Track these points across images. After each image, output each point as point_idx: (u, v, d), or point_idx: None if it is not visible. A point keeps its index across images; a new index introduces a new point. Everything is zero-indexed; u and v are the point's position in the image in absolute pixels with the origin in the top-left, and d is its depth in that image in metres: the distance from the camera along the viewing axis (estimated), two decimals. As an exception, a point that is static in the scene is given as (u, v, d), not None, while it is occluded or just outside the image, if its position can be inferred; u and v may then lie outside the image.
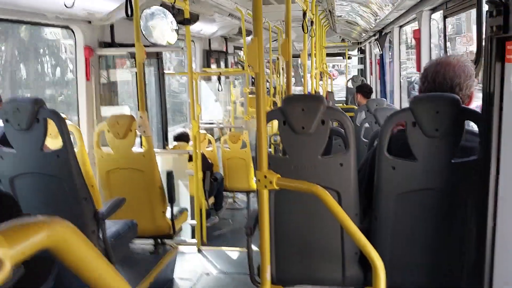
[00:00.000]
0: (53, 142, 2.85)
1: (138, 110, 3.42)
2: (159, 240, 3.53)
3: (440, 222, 1.87)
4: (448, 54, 3.03)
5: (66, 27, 4.11)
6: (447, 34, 3.13)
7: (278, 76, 8.77)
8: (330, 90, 8.36)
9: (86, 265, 0.61)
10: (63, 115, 2.47)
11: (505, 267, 1.54)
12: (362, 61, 11.14)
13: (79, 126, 4.14)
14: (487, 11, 1.56)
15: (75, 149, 3.28)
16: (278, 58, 9.22)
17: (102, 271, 0.63)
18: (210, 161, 5.67)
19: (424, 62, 3.56)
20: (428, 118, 1.73)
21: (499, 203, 1.56)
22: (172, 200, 3.33)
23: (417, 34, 3.54)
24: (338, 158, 1.93)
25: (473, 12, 2.51)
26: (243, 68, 6.80)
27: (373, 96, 8.64)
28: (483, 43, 1.92)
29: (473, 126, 1.86)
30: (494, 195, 1.58)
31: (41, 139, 2.35)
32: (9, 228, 0.52)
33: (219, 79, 5.83)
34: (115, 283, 0.65)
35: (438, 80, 1.88)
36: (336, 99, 9.06)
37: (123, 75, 5.04)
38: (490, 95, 1.57)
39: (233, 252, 4.07)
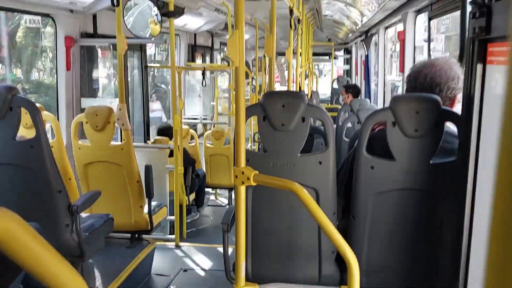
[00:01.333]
0: (29, 132, 2.77)
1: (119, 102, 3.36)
2: (136, 235, 3.48)
3: (417, 222, 1.87)
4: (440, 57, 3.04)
5: (47, 15, 4.02)
6: (431, 35, 3.14)
7: (264, 73, 8.74)
8: (315, 90, 8.37)
9: (33, 258, 0.57)
10: (38, 105, 2.40)
11: (480, 269, 1.54)
12: (348, 61, 11.19)
13: (58, 117, 4.05)
14: (470, 12, 1.56)
15: (52, 140, 3.21)
16: (264, 56, 9.19)
17: (52, 264, 0.59)
18: (192, 157, 5.61)
19: (408, 63, 3.57)
20: (407, 118, 1.72)
21: (476, 205, 1.56)
22: (150, 194, 3.27)
23: (401, 35, 3.54)
24: (317, 156, 1.91)
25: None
26: (228, 64, 6.75)
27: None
28: (466, 45, 1.91)
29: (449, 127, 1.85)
30: (472, 197, 1.57)
31: (14, 128, 2.29)
32: None
33: (203, 74, 5.77)
34: (66, 275, 0.61)
35: (419, 80, 1.88)
36: (321, 97, 9.08)
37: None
38: (470, 97, 1.56)
39: (212, 249, 4.03)
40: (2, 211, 0.54)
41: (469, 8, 2.15)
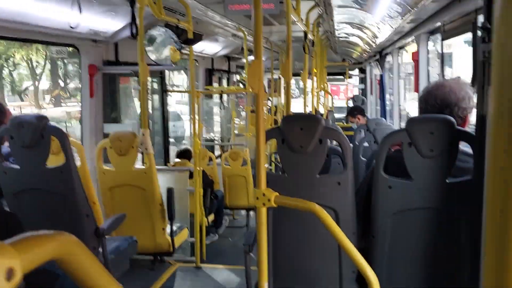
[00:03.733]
0: (54, 158, 2.89)
1: (141, 127, 3.47)
2: (158, 257, 3.54)
3: (436, 241, 1.89)
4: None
5: (72, 46, 4.20)
6: (444, 56, 3.20)
7: (279, 95, 8.86)
8: (330, 109, 8.43)
9: (89, 276, 0.65)
10: (65, 132, 2.52)
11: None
12: (362, 81, 11.24)
13: (82, 142, 4.19)
14: (479, 37, 1.62)
15: (77, 166, 3.33)
16: (279, 77, 9.32)
17: (104, 283, 0.67)
18: (210, 178, 5.69)
19: (422, 83, 3.62)
20: (423, 138, 1.77)
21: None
22: (172, 217, 3.35)
23: (415, 56, 3.61)
24: (336, 177, 1.97)
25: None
26: (245, 87, 6.88)
27: (373, 115, 8.72)
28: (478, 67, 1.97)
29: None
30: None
31: (45, 155, 2.40)
32: (20, 240, 0.56)
33: (221, 97, 5.89)
34: None
35: (430, 101, 1.92)
36: (337, 117, 9.13)
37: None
38: (482, 117, 1.61)
39: (232, 270, 4.07)
40: (64, 234, 0.62)
41: (479, 33, 2.21)
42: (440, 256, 1.89)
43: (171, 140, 8.58)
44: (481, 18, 2.39)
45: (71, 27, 3.40)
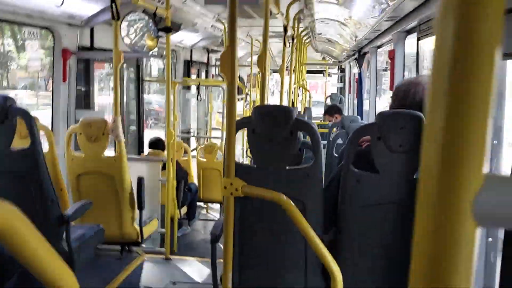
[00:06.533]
0: (22, 143, 2.81)
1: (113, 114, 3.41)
2: (126, 247, 3.49)
3: (402, 236, 1.90)
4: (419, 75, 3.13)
5: (46, 28, 4.09)
6: (419, 55, 3.24)
7: (259, 89, 8.84)
8: (308, 106, 8.46)
9: (31, 252, 0.61)
10: (33, 115, 2.44)
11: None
12: (341, 79, 11.33)
13: (52, 128, 4.09)
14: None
15: (45, 151, 3.24)
16: (259, 72, 9.29)
17: (48, 259, 0.63)
18: (185, 171, 5.64)
19: (397, 81, 3.66)
20: (392, 133, 1.78)
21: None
22: (141, 206, 3.30)
23: (391, 55, 3.64)
24: (305, 169, 1.96)
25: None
26: (223, 80, 6.83)
27: (350, 114, 8.80)
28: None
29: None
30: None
31: (10, 137, 2.32)
32: None
33: (198, 88, 5.84)
34: (60, 271, 0.65)
35: (409, 99, 1.92)
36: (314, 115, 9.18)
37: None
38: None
39: (202, 262, 4.04)
40: (5, 205, 0.58)
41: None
42: (405, 251, 1.90)
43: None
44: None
45: (56, 5, 3.26)
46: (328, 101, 9.59)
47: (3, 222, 0.58)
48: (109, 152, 3.52)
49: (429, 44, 3.31)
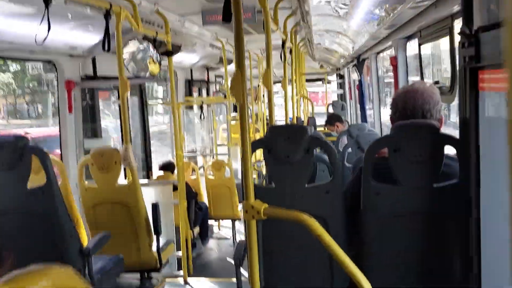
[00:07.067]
0: (35, 178, 2.82)
1: (122, 142, 3.42)
2: (145, 274, 3.48)
3: (426, 245, 1.90)
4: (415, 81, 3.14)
5: (48, 62, 4.13)
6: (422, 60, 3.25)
7: (261, 102, 8.88)
8: (311, 116, 8.48)
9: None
10: (45, 149, 2.46)
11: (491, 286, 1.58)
12: (341, 86, 11.35)
13: (62, 159, 4.10)
14: (459, 42, 1.65)
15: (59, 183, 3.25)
16: (259, 85, 9.34)
17: None
18: (194, 190, 5.65)
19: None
20: (409, 144, 1.78)
21: (482, 225, 1.61)
22: (158, 232, 3.30)
23: (393, 61, 3.65)
24: (324, 185, 1.97)
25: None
26: (225, 96, 6.87)
27: (353, 120, 8.80)
28: (457, 72, 2.00)
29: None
30: (477, 217, 1.62)
31: (26, 176, 2.34)
32: (13, 279, 0.53)
33: (201, 108, 5.87)
34: None
35: (409, 108, 1.92)
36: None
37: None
38: (466, 121, 1.64)
39: (220, 283, 4.02)
40: (58, 268, 0.59)
41: (457, 36, 2.25)
42: (431, 259, 1.90)
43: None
44: (457, 23, 2.43)
45: (36, 43, 3.27)
46: (330, 109, 9.60)
47: (61, 285, 0.59)
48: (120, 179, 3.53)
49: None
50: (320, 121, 8.94)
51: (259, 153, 6.31)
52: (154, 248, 3.37)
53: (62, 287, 0.59)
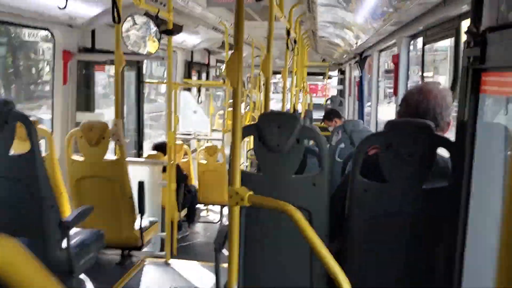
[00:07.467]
0: (22, 145, 2.76)
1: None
2: (126, 252, 3.44)
3: (411, 247, 1.87)
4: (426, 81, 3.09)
5: (46, 29, 4.04)
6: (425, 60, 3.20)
7: (259, 91, 8.82)
8: (309, 108, 8.43)
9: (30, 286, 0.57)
10: (33, 119, 2.40)
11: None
12: (341, 82, 11.30)
13: (52, 130, 4.04)
14: (464, 41, 1.59)
15: (45, 154, 3.20)
16: (260, 74, 9.27)
17: None
18: (184, 173, 5.60)
19: (402, 86, 3.62)
20: (401, 142, 1.74)
21: (469, 231, 1.58)
22: (142, 211, 3.26)
23: (395, 59, 3.60)
24: (311, 177, 1.93)
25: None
26: (224, 82, 6.80)
27: (350, 117, 8.75)
28: (459, 74, 1.95)
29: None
30: (464, 222, 1.59)
31: (9, 142, 2.28)
32: None
33: (199, 90, 5.80)
34: None
35: (421, 109, 1.88)
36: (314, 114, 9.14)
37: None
38: (463, 124, 1.59)
39: (203, 266, 4.00)
40: (4, 240, 0.55)
41: (463, 37, 2.19)
42: (414, 262, 1.87)
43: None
44: (464, 24, 2.38)
45: (59, 7, 3.20)
46: (328, 103, 9.56)
47: (4, 259, 0.54)
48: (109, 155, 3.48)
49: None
50: (317, 115, 8.90)
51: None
52: (137, 226, 3.33)
53: (6, 261, 0.54)
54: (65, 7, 2.87)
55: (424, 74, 3.59)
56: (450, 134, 1.86)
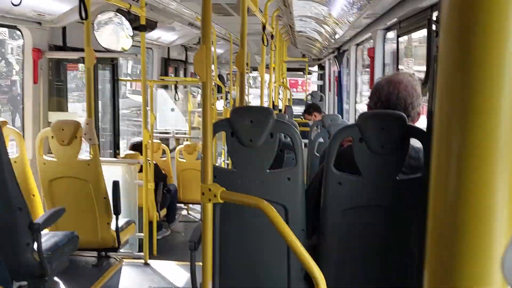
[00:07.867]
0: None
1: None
2: (103, 253, 3.37)
3: (386, 239, 1.86)
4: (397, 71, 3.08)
5: (14, 27, 3.93)
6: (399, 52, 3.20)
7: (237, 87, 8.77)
8: (288, 104, 8.42)
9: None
10: (1, 119, 2.32)
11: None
12: (321, 77, 11.32)
13: (23, 131, 3.93)
14: (433, 31, 1.58)
15: (16, 156, 3.10)
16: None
17: None
18: (163, 172, 5.52)
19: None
20: (374, 134, 1.72)
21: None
22: (117, 211, 3.19)
23: (371, 53, 3.60)
24: (286, 172, 1.90)
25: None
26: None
27: (331, 112, 8.78)
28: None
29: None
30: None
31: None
32: None
33: (175, 88, 5.73)
34: None
35: (392, 100, 1.86)
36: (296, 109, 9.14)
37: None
38: (433, 113, 1.58)
39: (182, 266, 3.95)
40: None
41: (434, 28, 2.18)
42: (390, 255, 1.86)
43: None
44: (436, 15, 2.37)
45: (12, 3, 3.10)
46: (309, 99, 9.57)
47: None
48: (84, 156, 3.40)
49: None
50: (298, 110, 8.89)
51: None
52: (113, 227, 3.26)
53: None
54: (19, 3, 2.76)
55: (410, 65, 3.60)
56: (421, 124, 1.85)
